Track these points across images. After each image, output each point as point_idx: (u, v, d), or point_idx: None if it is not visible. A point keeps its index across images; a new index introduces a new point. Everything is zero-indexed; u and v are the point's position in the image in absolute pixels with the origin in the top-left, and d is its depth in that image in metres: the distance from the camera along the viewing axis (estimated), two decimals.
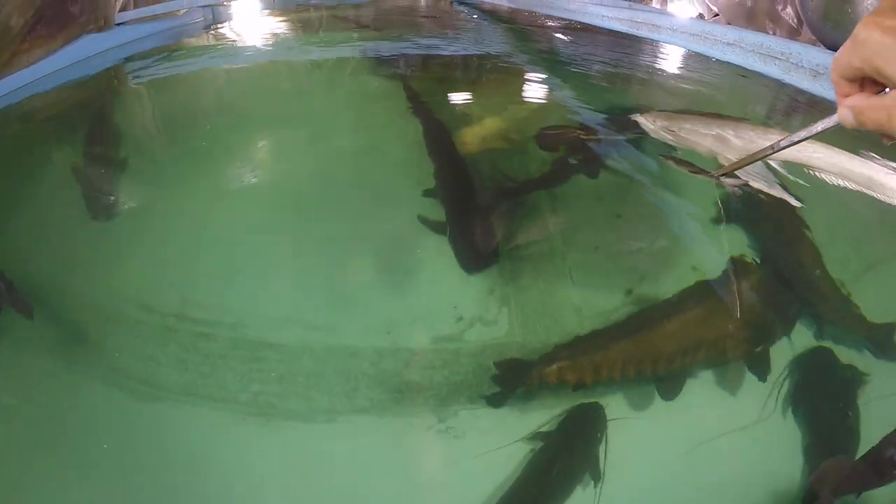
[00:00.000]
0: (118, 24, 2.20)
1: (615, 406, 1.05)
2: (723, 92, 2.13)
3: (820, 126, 0.78)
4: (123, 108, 1.94)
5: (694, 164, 1.50)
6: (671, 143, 1.62)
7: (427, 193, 1.47)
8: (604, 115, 1.80)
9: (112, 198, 1.47)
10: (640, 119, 1.66)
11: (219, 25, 2.38)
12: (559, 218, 1.49)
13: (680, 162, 1.52)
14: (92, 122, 1.76)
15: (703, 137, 1.60)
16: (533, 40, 2.55)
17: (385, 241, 1.35)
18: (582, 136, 1.68)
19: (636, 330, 1.15)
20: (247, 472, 0.98)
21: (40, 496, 0.92)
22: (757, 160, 0.84)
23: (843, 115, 0.66)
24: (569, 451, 0.99)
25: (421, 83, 1.95)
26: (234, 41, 2.35)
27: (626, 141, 1.73)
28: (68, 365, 1.11)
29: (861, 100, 0.63)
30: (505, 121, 1.81)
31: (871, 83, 0.63)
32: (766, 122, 1.83)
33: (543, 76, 2.13)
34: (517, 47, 2.46)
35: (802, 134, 0.81)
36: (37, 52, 1.97)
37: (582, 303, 1.27)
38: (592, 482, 0.95)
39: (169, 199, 1.50)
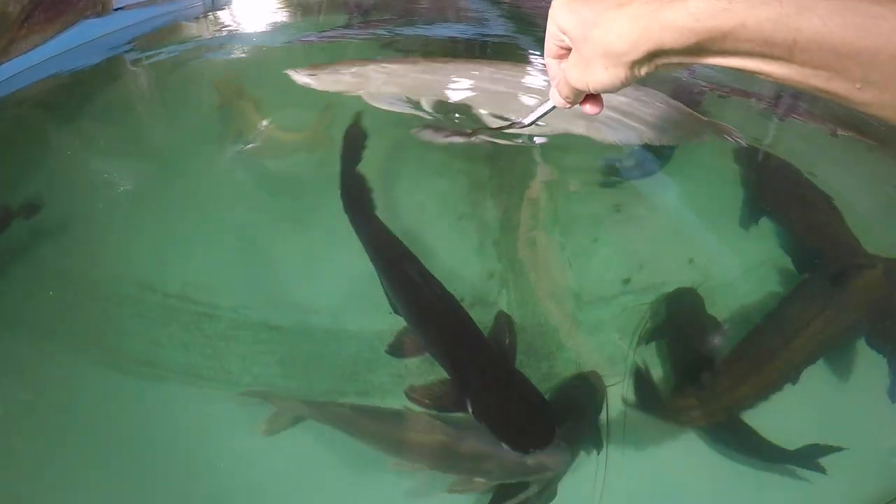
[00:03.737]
0: (116, 9, 2.18)
1: None
2: (724, 83, 2.12)
3: (539, 111, 0.77)
4: (123, 92, 1.93)
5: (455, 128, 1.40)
6: (317, 88, 1.60)
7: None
8: None
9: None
10: (290, 73, 1.61)
11: (218, 10, 2.36)
12: (559, 206, 1.49)
13: (437, 129, 1.43)
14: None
15: (340, 77, 1.59)
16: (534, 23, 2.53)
17: (386, 223, 1.35)
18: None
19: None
20: (248, 453, 0.99)
21: (48, 480, 0.93)
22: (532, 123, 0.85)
23: (552, 94, 0.64)
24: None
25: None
26: (233, 25, 2.33)
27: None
28: (70, 349, 1.12)
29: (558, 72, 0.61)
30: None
31: None
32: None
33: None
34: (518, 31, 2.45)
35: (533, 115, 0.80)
36: (34, 38, 1.95)
37: (581, 289, 1.28)
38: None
39: (171, 181, 1.49)
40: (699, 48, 0.44)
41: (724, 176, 1.57)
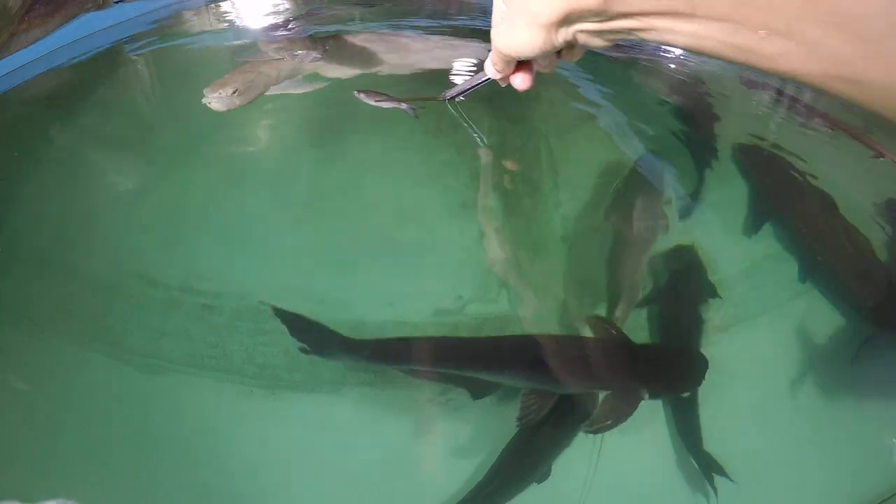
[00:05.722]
0: (117, 2, 2.17)
1: None
2: (725, 81, 2.11)
3: (471, 82, 0.81)
4: (124, 85, 1.93)
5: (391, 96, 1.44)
6: (243, 104, 1.55)
7: None
8: None
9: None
10: (207, 103, 1.54)
11: (220, 1, 2.35)
12: (560, 198, 1.49)
13: (369, 93, 1.45)
14: None
15: (256, 78, 1.59)
16: None
17: (388, 214, 1.36)
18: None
19: None
20: (253, 442, 1.00)
21: (50, 471, 0.94)
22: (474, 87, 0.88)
23: (486, 65, 0.62)
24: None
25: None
26: (235, 16, 2.33)
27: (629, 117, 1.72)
28: (73, 340, 1.13)
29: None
30: None
31: None
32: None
33: None
34: None
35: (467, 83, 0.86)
36: (35, 31, 1.95)
37: (584, 283, 1.28)
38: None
39: (172, 173, 1.49)
40: (608, 8, 0.44)
41: (731, 169, 1.57)
